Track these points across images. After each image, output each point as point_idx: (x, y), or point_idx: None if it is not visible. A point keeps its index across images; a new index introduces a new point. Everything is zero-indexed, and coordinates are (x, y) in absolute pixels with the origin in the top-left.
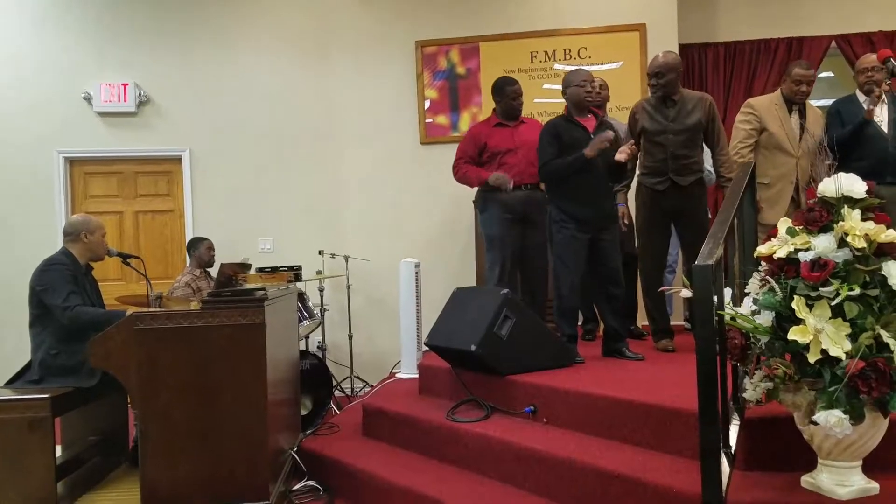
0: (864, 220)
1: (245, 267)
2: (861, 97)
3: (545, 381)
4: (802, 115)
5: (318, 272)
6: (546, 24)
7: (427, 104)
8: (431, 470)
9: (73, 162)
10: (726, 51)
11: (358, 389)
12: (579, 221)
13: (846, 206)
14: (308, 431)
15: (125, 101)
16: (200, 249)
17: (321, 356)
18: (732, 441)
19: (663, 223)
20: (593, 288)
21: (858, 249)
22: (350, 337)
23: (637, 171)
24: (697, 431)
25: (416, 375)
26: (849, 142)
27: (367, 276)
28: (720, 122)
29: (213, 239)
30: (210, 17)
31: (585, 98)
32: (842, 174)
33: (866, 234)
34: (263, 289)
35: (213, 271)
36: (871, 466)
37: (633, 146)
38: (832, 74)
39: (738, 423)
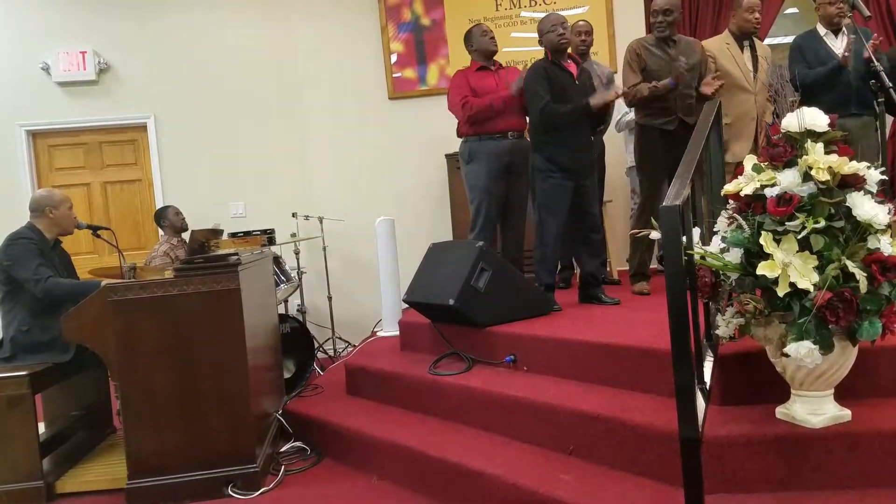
0: (827, 153)
1: (216, 233)
2: (822, 30)
3: (524, 330)
4: (753, 49)
5: (293, 235)
6: None
7: (394, 58)
8: (416, 424)
9: (37, 135)
10: None
11: (340, 350)
12: (565, 170)
13: (809, 141)
14: (292, 394)
15: (84, 69)
16: (169, 217)
17: (301, 319)
18: (707, 377)
19: (670, 165)
20: (573, 234)
21: (822, 182)
22: (329, 298)
23: (635, 114)
24: (672, 369)
25: (398, 333)
26: (819, 82)
27: (342, 236)
28: None
29: (184, 206)
30: None
31: (560, 42)
32: (804, 108)
33: (830, 167)
34: (237, 254)
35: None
36: (843, 394)
37: (617, 94)
38: (797, 11)
39: (712, 359)
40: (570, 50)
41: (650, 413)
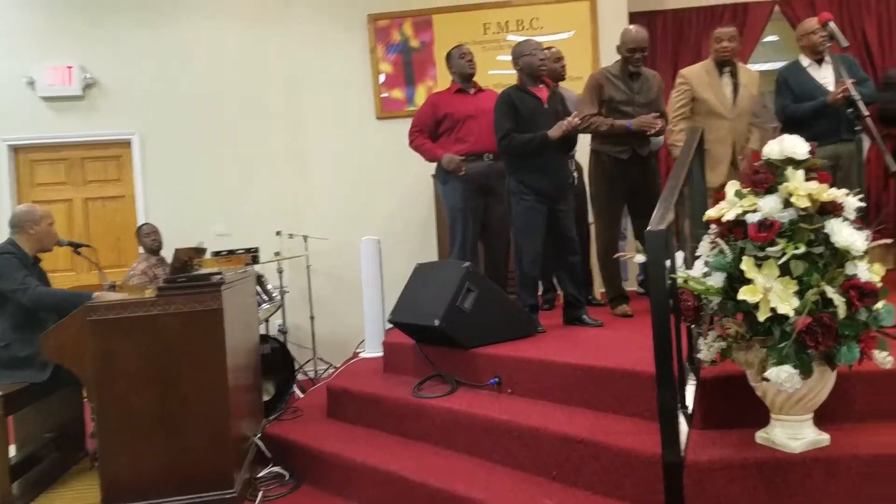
0: (807, 180)
1: (200, 251)
2: (805, 62)
3: (509, 352)
4: (734, 76)
5: (277, 253)
6: None
7: (382, 78)
8: (398, 448)
9: (18, 150)
10: (674, 18)
11: (322, 371)
12: (538, 192)
13: (790, 168)
14: (271, 417)
15: (70, 84)
16: (140, 236)
17: (282, 339)
18: (689, 401)
19: (623, 191)
20: (552, 257)
21: (803, 209)
22: (312, 318)
23: (591, 140)
24: (655, 393)
25: (381, 354)
26: (806, 116)
27: (327, 255)
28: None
29: (168, 224)
30: None
31: (540, 67)
32: (785, 136)
33: (810, 194)
34: (220, 273)
35: (168, 256)
36: (822, 418)
37: (576, 123)
38: (777, 38)
39: (695, 383)
40: (546, 76)
41: (633, 437)
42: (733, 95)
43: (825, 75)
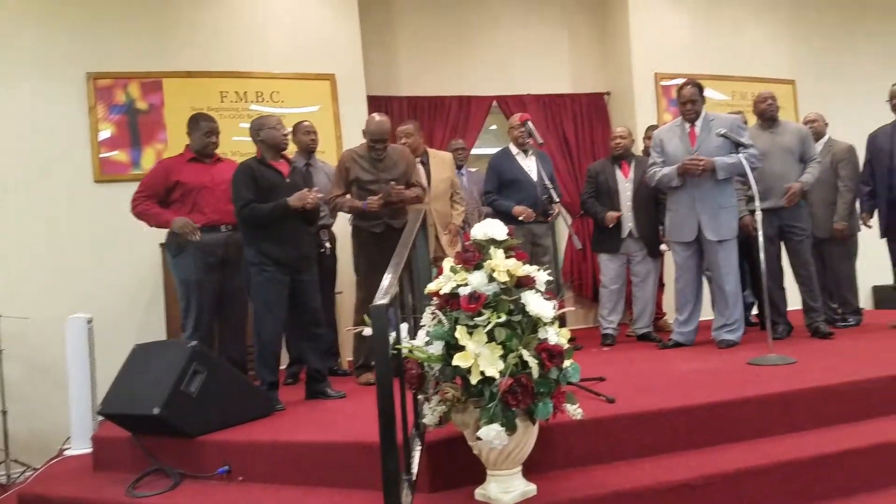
0: (507, 257)
1: None
2: (514, 150)
3: (241, 436)
4: (426, 165)
5: None
6: (234, 66)
7: (103, 138)
8: None
9: None
10: (409, 104)
11: (16, 476)
12: (279, 263)
13: (492, 247)
14: None
15: None
16: None
17: None
18: (416, 467)
19: (381, 263)
20: (295, 330)
21: (503, 283)
22: (4, 413)
23: (351, 218)
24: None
25: (91, 450)
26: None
27: (26, 337)
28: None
29: None
30: None
31: (283, 140)
32: (487, 219)
33: (508, 270)
34: None
35: None
36: (530, 469)
37: (317, 194)
38: (495, 127)
39: (421, 448)
40: (296, 149)
41: None
42: (428, 181)
43: (530, 164)
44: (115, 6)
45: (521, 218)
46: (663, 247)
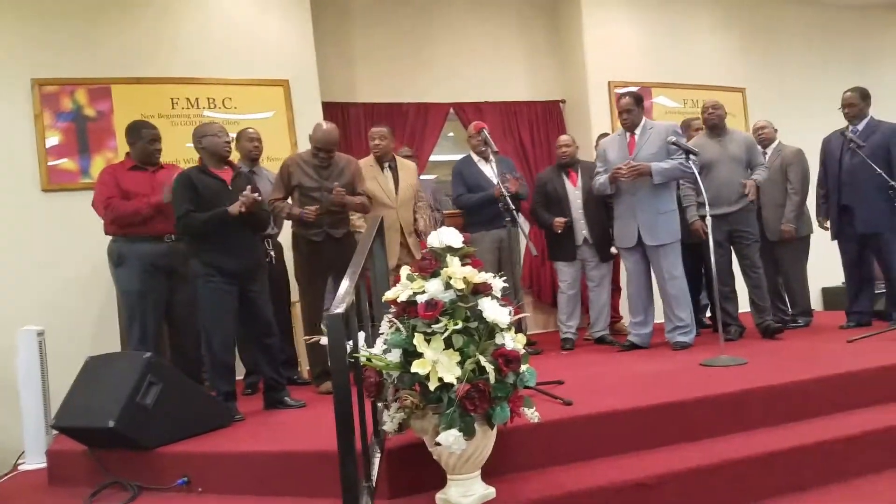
0: (463, 265)
1: None
2: (475, 157)
3: (199, 447)
4: (394, 170)
5: None
6: (185, 72)
7: (51, 146)
8: None
9: None
10: (365, 110)
11: None
12: (225, 273)
13: (449, 255)
14: None
15: None
16: None
17: None
18: (375, 474)
19: (321, 271)
20: (247, 340)
21: (459, 290)
22: None
23: (292, 225)
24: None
25: (46, 465)
26: (476, 205)
27: None
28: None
29: None
30: None
31: (226, 148)
32: (443, 228)
33: (464, 277)
34: None
35: None
36: (489, 473)
37: (255, 198)
38: (452, 134)
39: (380, 455)
40: (239, 156)
41: None
42: (395, 187)
43: (490, 171)
44: (60, 11)
45: (498, 194)
46: (613, 249)
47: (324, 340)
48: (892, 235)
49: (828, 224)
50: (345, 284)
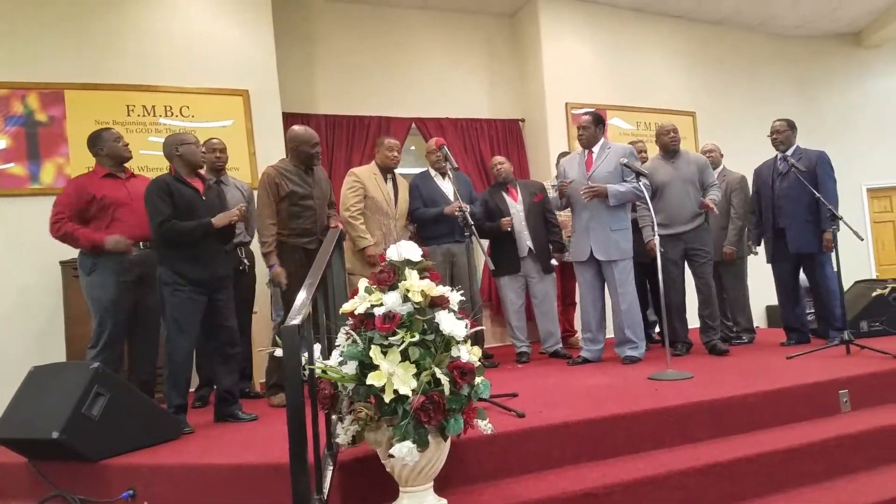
0: (421, 278)
1: None
2: (433, 172)
3: (147, 459)
4: (394, 182)
5: None
6: (141, 79)
7: None
8: None
9: None
10: (327, 122)
11: None
12: (195, 283)
13: (407, 268)
14: None
15: None
16: None
17: None
18: (327, 487)
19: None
20: (207, 350)
21: (417, 303)
22: None
23: (280, 233)
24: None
25: None
26: (430, 219)
27: None
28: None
29: None
30: None
31: (201, 158)
32: (402, 242)
33: (422, 291)
34: None
35: None
36: (443, 485)
37: (244, 213)
38: (414, 148)
39: (333, 468)
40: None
41: None
42: (394, 197)
43: (447, 187)
44: (11, 14)
45: (449, 213)
46: (554, 261)
47: (279, 352)
48: (822, 255)
49: (757, 249)
50: (301, 296)
